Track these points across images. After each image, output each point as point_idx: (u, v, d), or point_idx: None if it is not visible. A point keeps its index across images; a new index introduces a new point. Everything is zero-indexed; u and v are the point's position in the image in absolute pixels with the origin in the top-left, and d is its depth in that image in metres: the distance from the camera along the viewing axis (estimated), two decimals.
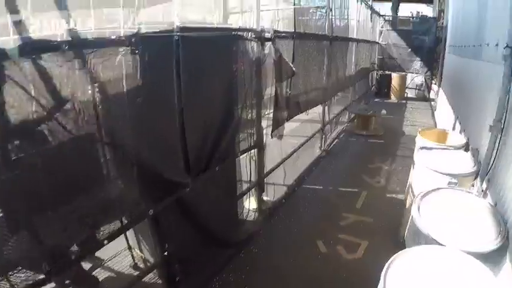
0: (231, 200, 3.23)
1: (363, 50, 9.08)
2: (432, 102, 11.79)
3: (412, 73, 12.77)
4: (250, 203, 3.90)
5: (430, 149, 3.72)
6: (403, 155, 6.39)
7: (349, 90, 7.96)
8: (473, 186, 3.16)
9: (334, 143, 6.94)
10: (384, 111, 7.65)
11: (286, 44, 3.90)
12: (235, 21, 5.87)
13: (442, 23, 11.97)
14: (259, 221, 3.83)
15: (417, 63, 12.56)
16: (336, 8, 5.81)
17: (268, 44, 3.37)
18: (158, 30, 2.11)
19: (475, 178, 3.17)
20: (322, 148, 6.31)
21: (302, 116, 5.00)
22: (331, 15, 5.51)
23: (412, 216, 2.39)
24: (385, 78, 12.34)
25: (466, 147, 4.05)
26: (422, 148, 3.77)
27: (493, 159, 2.81)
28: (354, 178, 5.30)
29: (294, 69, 3.87)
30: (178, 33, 2.14)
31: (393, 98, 12.32)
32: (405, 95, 12.79)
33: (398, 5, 13.82)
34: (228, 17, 6.23)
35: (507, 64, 2.60)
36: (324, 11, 5.32)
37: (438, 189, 2.70)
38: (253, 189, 3.74)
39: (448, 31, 8.52)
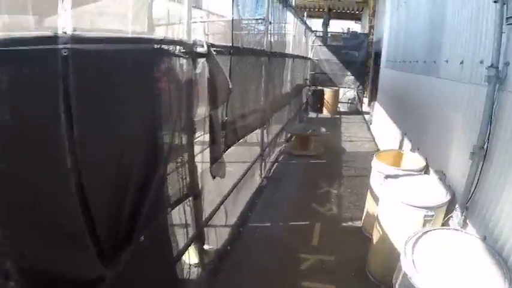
0: (168, 269, 2.45)
1: (298, 66, 8.87)
2: (366, 116, 12.09)
3: (344, 87, 13.05)
4: (190, 257, 3.15)
5: (395, 177, 3.36)
6: (349, 175, 6.14)
7: (285, 108, 7.59)
8: (451, 217, 2.83)
9: (274, 167, 6.46)
10: (323, 129, 7.40)
11: (222, 61, 3.30)
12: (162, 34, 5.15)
13: (372, 39, 12.46)
14: (203, 278, 3.10)
15: (349, 78, 12.87)
16: (274, 21, 5.38)
17: (202, 60, 2.73)
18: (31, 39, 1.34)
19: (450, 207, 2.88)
20: (263, 175, 5.78)
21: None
22: (270, 29, 5.06)
23: (404, 273, 1.94)
24: (317, 94, 12.39)
25: (426, 169, 3.80)
26: (386, 177, 3.39)
27: (473, 187, 2.51)
28: (303, 208, 4.83)
29: (230, 89, 3.28)
30: (67, 46, 1.39)
31: (326, 113, 12.41)
32: (338, 109, 12.98)
33: (329, 22, 14.18)
34: (153, 30, 5.49)
35: (491, 86, 2.28)
36: (263, 24, 4.85)
37: (426, 232, 2.32)
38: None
39: (384, 46, 8.63)
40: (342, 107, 13.45)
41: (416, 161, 4.00)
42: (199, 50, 2.74)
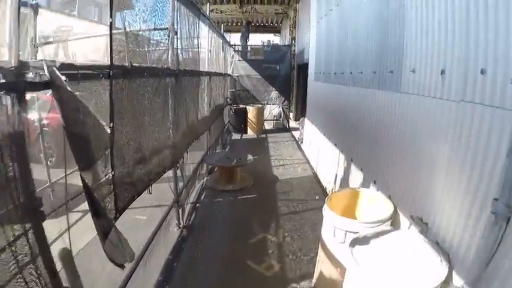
0: None
1: (217, 84, 7.92)
2: (294, 132, 11.57)
3: (269, 104, 12.45)
4: None
5: (359, 234, 2.50)
6: (287, 212, 5.30)
7: (205, 135, 6.56)
8: None
9: (195, 211, 5.35)
10: (250, 157, 6.51)
11: (100, 90, 2.19)
12: None
13: (294, 51, 12.08)
14: None
15: (273, 94, 12.32)
16: (183, 32, 4.35)
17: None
18: None
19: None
20: (182, 224, 4.65)
21: None
22: (177, 42, 4.02)
23: None
24: (240, 113, 11.57)
25: (395, 214, 3.03)
26: (346, 233, 2.52)
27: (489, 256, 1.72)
28: (236, 267, 3.81)
29: (113, 131, 2.18)
30: None
31: (251, 133, 11.65)
32: (263, 127, 12.32)
33: (248, 36, 13.61)
34: None
35: None
36: (166, 36, 3.79)
37: None
38: None
39: (312, 57, 8.07)
40: (268, 125, 12.86)
41: (380, 204, 3.23)
42: (40, 75, 1.61)
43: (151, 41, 3.49)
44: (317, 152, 7.08)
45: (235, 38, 16.69)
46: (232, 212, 5.35)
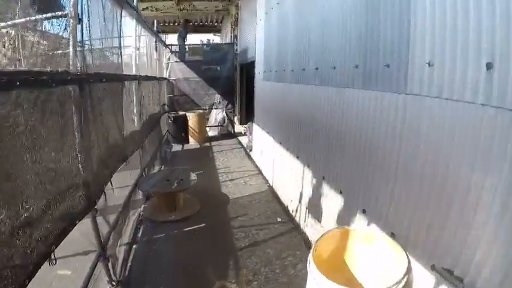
0: None
1: (149, 91, 6.72)
2: (240, 138, 10.65)
3: (210, 109, 11.36)
4: None
5: None
6: (247, 245, 4.31)
7: (136, 153, 5.36)
8: None
9: (131, 256, 4.15)
10: (193, 176, 5.42)
11: None
12: None
13: (237, 50, 11.14)
14: None
15: (214, 97, 11.25)
16: (94, 24, 3.16)
17: None
18: None
19: None
20: (115, 279, 3.47)
21: None
22: (83, 35, 2.84)
23: None
24: (179, 120, 10.35)
25: (408, 268, 2.15)
26: None
27: None
28: None
29: None
30: None
31: (194, 142, 10.48)
32: (207, 135, 11.22)
33: (186, 35, 12.40)
34: None
35: None
36: (63, 25, 2.61)
37: None
38: None
39: (260, 54, 7.09)
40: (212, 131, 11.77)
41: (381, 246, 2.36)
42: None
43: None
44: (271, 162, 6.17)
45: (172, 39, 15.36)
46: (178, 252, 4.23)
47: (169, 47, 11.01)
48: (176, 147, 10.07)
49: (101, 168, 3.40)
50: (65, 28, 2.58)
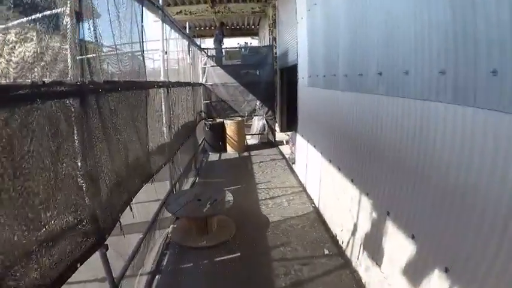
0: None
1: (183, 98, 6.21)
2: (281, 148, 9.97)
3: (250, 116, 10.76)
4: None
5: None
6: (288, 285, 3.59)
7: (166, 167, 4.83)
8: None
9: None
10: (229, 198, 4.79)
11: None
12: None
13: (276, 53, 10.50)
14: None
15: (254, 103, 10.63)
16: (104, 20, 2.63)
17: None
18: None
19: None
20: None
21: None
22: (85, 32, 2.29)
23: None
24: (216, 128, 9.83)
25: None
26: None
27: None
28: None
29: None
30: None
31: (232, 151, 9.92)
32: (245, 143, 10.63)
33: (222, 39, 11.97)
34: None
35: None
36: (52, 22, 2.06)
37: None
38: None
39: (303, 58, 6.38)
40: (251, 140, 11.18)
41: None
42: None
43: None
44: (318, 180, 5.42)
45: (209, 44, 15.02)
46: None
47: (205, 51, 10.54)
48: (213, 156, 9.55)
49: (116, 194, 2.85)
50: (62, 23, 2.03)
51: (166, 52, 4.69)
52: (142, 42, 3.66)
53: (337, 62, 4.24)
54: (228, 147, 9.96)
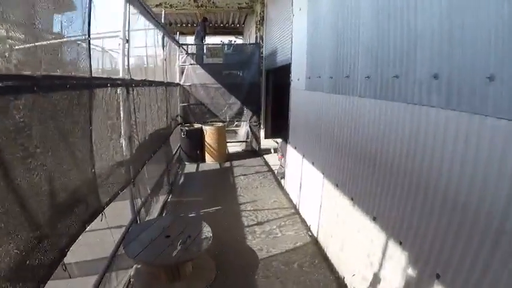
0: None
1: (152, 100, 5.11)
2: (267, 157, 9.00)
3: (231, 121, 9.70)
4: None
5: None
6: None
7: (128, 190, 3.75)
8: None
9: None
10: (207, 232, 3.72)
11: None
12: None
13: (262, 52, 9.50)
14: None
15: (236, 108, 9.60)
16: None
17: None
18: None
19: None
20: None
21: None
22: None
23: None
24: (194, 135, 8.73)
25: None
26: None
27: None
28: None
29: None
30: None
31: (211, 161, 8.83)
32: (227, 151, 9.58)
33: (204, 36, 10.92)
34: None
35: None
36: None
37: None
38: None
39: (300, 57, 5.35)
40: (232, 147, 10.13)
41: None
42: None
43: None
44: (317, 206, 4.43)
45: (190, 42, 13.92)
46: None
47: (184, 47, 9.44)
48: (190, 167, 8.43)
49: (34, 256, 1.78)
50: None
51: (128, 40, 3.60)
52: (89, 22, 2.58)
53: (354, 60, 3.24)
54: (207, 157, 8.86)
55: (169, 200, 6.04)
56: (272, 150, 9.05)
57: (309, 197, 4.93)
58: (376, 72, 2.83)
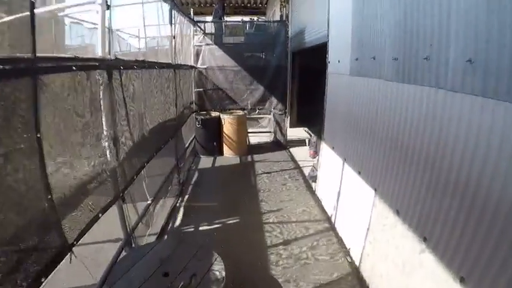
0: None
1: (156, 87, 4.19)
2: (293, 150, 8.02)
3: (254, 109, 8.70)
4: None
5: None
6: None
7: (118, 207, 2.87)
8: None
9: None
10: (218, 269, 2.79)
11: None
12: None
13: (288, 32, 8.40)
14: None
15: (258, 94, 8.59)
16: None
17: None
18: None
19: None
20: None
21: None
22: None
23: None
24: (211, 124, 7.82)
25: None
26: None
27: None
28: None
29: None
30: None
31: (230, 154, 7.92)
32: (247, 143, 8.66)
33: (223, 14, 9.89)
34: None
35: None
36: None
37: None
38: None
39: (343, 34, 4.22)
40: (253, 138, 9.19)
41: None
42: None
43: None
44: (364, 229, 3.43)
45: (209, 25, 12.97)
46: None
47: (200, 25, 8.42)
48: (205, 162, 7.55)
49: None
50: None
51: (109, 6, 2.64)
52: None
53: (440, 35, 2.18)
54: (225, 149, 7.95)
55: (178, 204, 5.17)
56: (307, 141, 7.95)
57: (350, 213, 3.94)
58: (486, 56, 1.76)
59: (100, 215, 2.53)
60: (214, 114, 8.16)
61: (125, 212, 3.13)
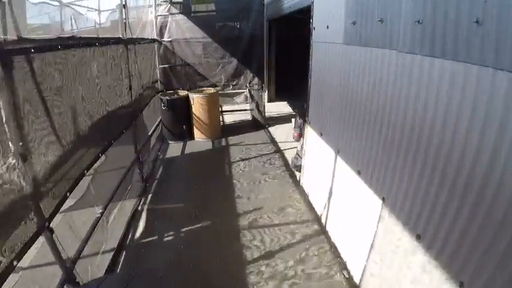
0: None
1: (99, 69, 3.33)
2: (272, 130, 7.32)
3: (227, 85, 7.86)
4: None
5: None
6: None
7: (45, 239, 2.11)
8: None
9: None
10: None
11: None
12: None
13: None
14: None
15: (231, 67, 7.74)
16: None
17: None
18: None
19: None
20: None
21: None
22: None
23: None
24: (179, 105, 6.96)
25: None
26: None
27: None
28: None
29: None
30: None
31: (201, 138, 7.14)
32: (221, 123, 7.90)
33: None
34: None
35: None
36: None
37: None
38: None
39: None
40: (229, 117, 8.42)
41: None
42: None
43: None
44: (367, 244, 2.77)
45: None
46: None
47: None
48: (174, 149, 6.75)
49: None
50: None
51: None
52: None
53: None
54: (196, 133, 7.16)
55: (140, 207, 4.41)
56: (293, 122, 7.16)
57: (345, 216, 3.30)
58: None
59: (15, 262, 1.78)
60: (182, 93, 7.28)
61: (58, 243, 2.37)
